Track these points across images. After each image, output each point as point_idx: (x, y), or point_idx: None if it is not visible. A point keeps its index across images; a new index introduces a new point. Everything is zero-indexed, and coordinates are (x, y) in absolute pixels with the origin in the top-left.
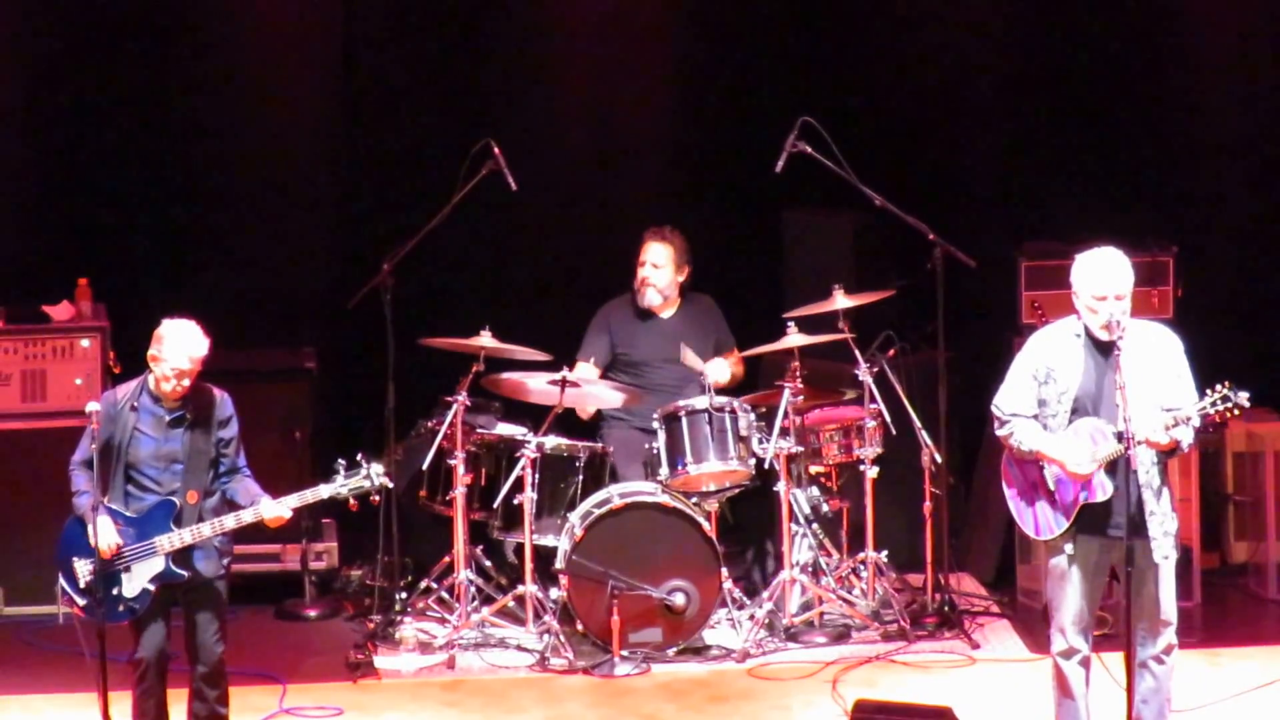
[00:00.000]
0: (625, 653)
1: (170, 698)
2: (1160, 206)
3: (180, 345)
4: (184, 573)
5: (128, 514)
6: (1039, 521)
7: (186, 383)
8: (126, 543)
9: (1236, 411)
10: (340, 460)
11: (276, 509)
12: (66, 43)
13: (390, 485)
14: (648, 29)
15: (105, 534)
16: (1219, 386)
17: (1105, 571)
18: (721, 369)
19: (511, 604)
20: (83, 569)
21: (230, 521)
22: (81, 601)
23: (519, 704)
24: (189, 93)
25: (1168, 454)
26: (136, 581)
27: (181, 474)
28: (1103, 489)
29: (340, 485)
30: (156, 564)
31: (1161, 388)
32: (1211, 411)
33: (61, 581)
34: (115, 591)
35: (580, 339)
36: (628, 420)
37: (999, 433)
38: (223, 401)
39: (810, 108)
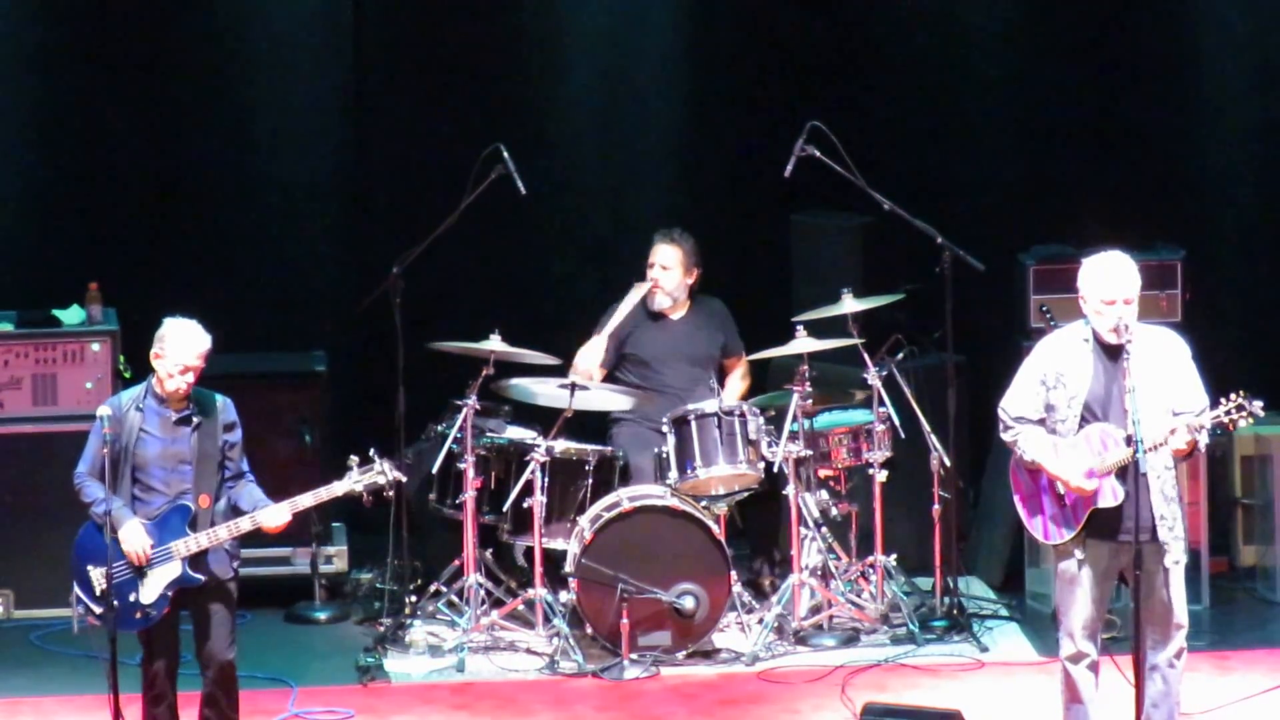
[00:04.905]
0: (634, 656)
1: (180, 701)
2: (1168, 210)
3: (182, 342)
4: (200, 577)
5: (142, 520)
6: (1048, 525)
7: (190, 378)
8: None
9: (1251, 420)
10: (353, 456)
11: (275, 517)
12: (76, 46)
13: (404, 479)
14: (656, 33)
15: (138, 536)
16: (1234, 395)
17: (1114, 576)
18: (733, 395)
19: (521, 607)
20: (99, 577)
21: (245, 524)
22: (98, 610)
23: (528, 707)
24: (199, 97)
25: (1184, 458)
26: (153, 587)
27: (190, 475)
28: (1113, 493)
29: (354, 481)
30: (173, 569)
31: (1170, 391)
32: (1226, 420)
33: (77, 590)
34: (132, 599)
35: (589, 342)
36: (637, 421)
37: (1004, 437)
38: (226, 405)
39: (819, 112)
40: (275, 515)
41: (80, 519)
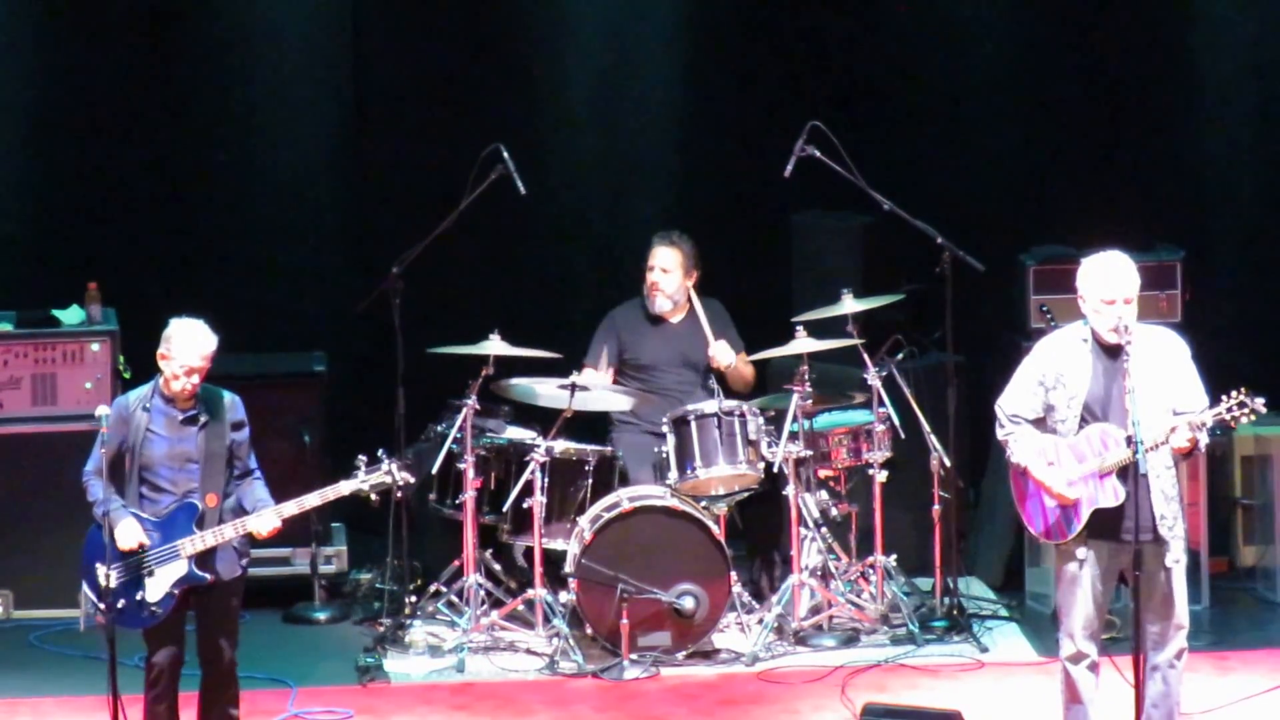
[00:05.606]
0: (634, 656)
1: (180, 701)
2: (1168, 210)
3: (189, 342)
4: (207, 576)
5: (149, 518)
6: (1049, 525)
7: (196, 379)
8: (150, 545)
9: (1253, 417)
10: (361, 456)
11: (263, 523)
12: (77, 48)
13: (412, 480)
14: (656, 33)
15: (131, 533)
16: (1235, 393)
17: (1115, 576)
18: (726, 351)
19: (521, 608)
20: (105, 576)
21: (252, 523)
22: (104, 607)
23: (528, 708)
24: (199, 98)
25: (1185, 456)
26: (160, 586)
27: (198, 474)
28: (1114, 493)
29: (361, 481)
30: (179, 567)
31: (1170, 391)
32: (1228, 418)
33: (85, 589)
34: (139, 597)
35: (588, 344)
36: (637, 424)
37: (999, 435)
38: (234, 404)
39: (819, 112)
40: (263, 522)
41: (82, 518)
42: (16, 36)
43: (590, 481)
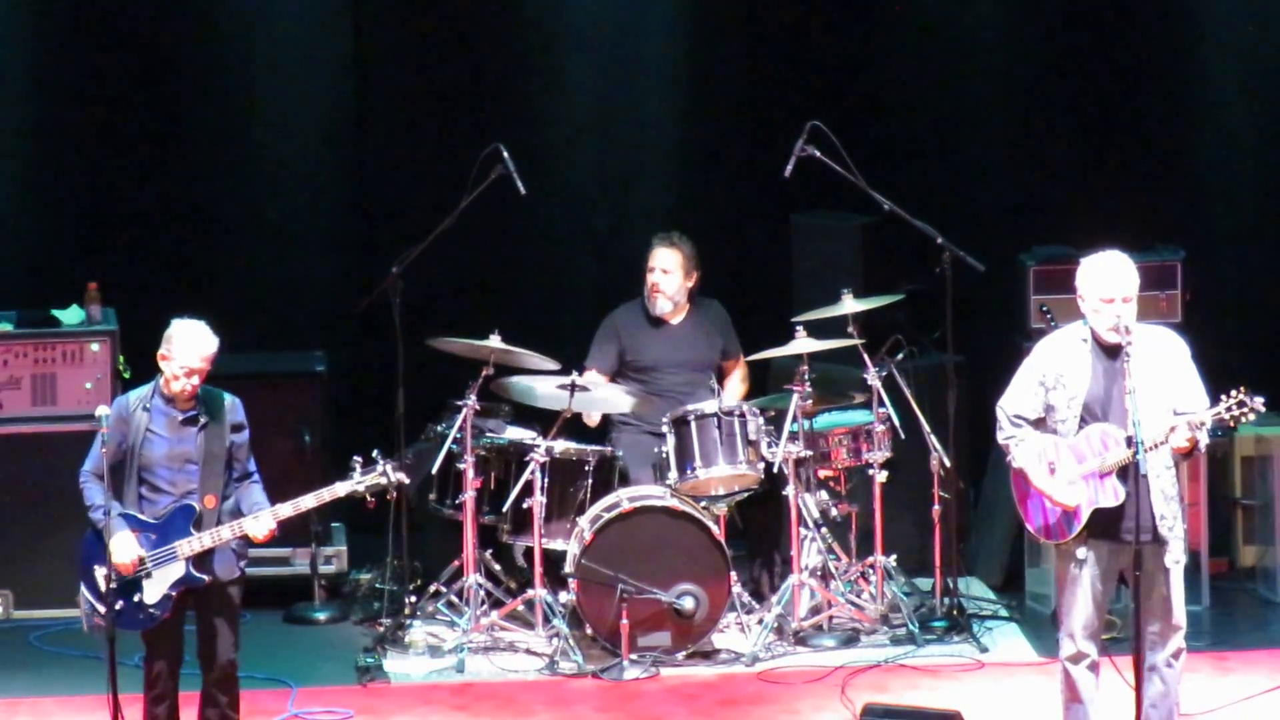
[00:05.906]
0: (634, 656)
1: (180, 701)
2: (1168, 211)
3: (190, 343)
4: (205, 577)
5: (147, 519)
6: (1049, 525)
7: (196, 381)
8: (147, 549)
9: (1252, 416)
10: (356, 458)
11: (258, 526)
12: (77, 48)
13: (407, 481)
14: (656, 33)
15: (127, 547)
16: (1235, 392)
17: (1115, 576)
18: (731, 399)
19: (521, 608)
20: (104, 578)
21: (248, 526)
22: (104, 610)
23: (528, 708)
24: (199, 97)
25: (1184, 456)
26: (158, 587)
27: (197, 475)
28: (1114, 493)
29: (356, 483)
30: (177, 569)
31: (1170, 392)
32: (1227, 417)
33: (84, 591)
34: (137, 599)
35: (589, 344)
36: (637, 425)
37: (999, 437)
38: (234, 406)
39: (819, 112)
40: (259, 525)
41: (81, 519)
42: (16, 37)
43: (590, 481)
